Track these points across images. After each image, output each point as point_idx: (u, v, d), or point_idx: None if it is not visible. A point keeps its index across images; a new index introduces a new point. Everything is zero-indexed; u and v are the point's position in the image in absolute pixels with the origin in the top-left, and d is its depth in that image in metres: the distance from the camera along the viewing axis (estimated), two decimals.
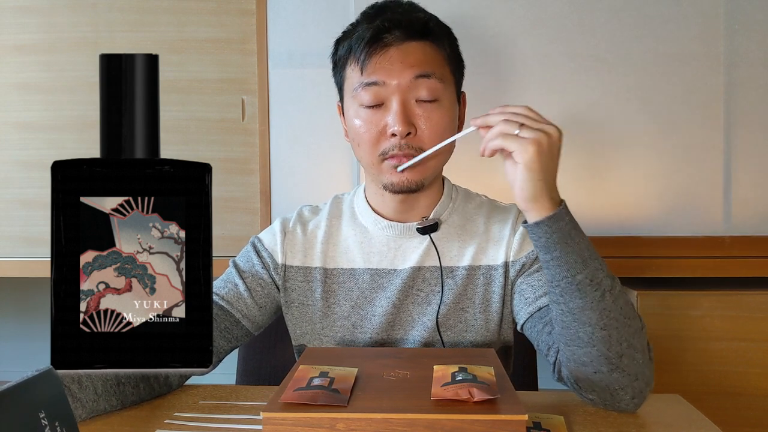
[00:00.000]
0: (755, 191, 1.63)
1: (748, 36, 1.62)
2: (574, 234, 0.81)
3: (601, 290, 0.81)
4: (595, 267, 0.81)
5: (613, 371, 0.81)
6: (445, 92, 0.95)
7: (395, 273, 1.00)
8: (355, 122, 0.96)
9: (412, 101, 0.93)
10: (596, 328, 0.81)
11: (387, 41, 0.93)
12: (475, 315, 0.99)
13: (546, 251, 0.81)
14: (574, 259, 0.80)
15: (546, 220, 0.80)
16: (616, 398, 0.83)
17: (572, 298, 0.81)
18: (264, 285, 1.02)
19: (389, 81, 0.92)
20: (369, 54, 0.93)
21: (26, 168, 1.80)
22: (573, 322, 0.82)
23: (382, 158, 0.94)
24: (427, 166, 0.95)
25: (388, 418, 0.62)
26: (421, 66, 0.93)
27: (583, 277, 0.80)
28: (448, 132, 0.95)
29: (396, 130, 0.91)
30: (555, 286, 0.82)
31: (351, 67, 0.96)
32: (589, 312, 0.81)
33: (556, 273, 0.81)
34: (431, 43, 0.95)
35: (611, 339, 0.81)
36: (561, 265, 0.81)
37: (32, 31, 1.78)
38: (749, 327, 1.51)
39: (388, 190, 0.97)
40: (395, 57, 0.93)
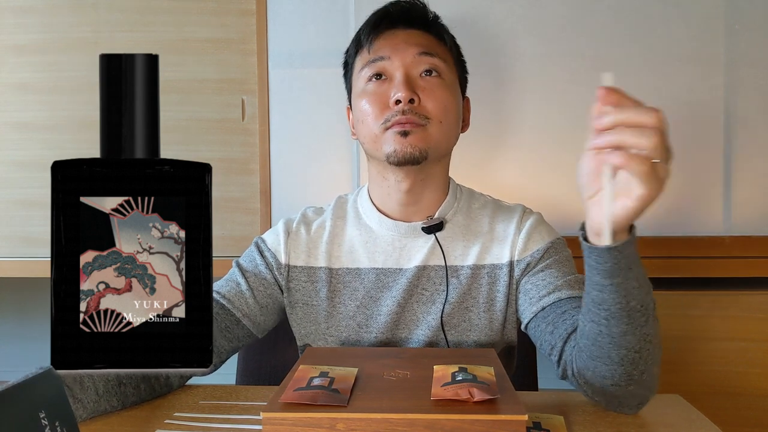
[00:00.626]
0: (755, 191, 1.63)
1: (748, 36, 1.62)
2: (637, 258, 0.74)
3: (646, 315, 0.76)
4: (646, 291, 0.76)
5: (631, 385, 0.80)
6: (448, 73, 0.99)
7: (400, 272, 1.00)
8: (362, 101, 0.98)
9: (416, 75, 0.97)
10: (631, 351, 0.78)
11: (393, 24, 0.99)
12: (479, 314, 0.99)
13: (608, 276, 0.73)
14: (633, 285, 0.74)
15: (620, 246, 0.71)
16: (624, 404, 0.83)
17: (618, 323, 0.76)
18: (267, 285, 1.01)
19: (394, 56, 0.97)
20: (376, 34, 0.99)
21: (26, 168, 1.80)
22: (608, 344, 0.78)
23: (385, 127, 0.95)
24: (430, 134, 0.95)
25: (388, 418, 0.62)
26: (424, 46, 0.97)
27: (636, 303, 0.75)
28: (451, 107, 0.98)
29: (400, 96, 0.94)
30: (604, 309, 0.76)
31: (359, 55, 1.01)
32: (630, 337, 0.77)
33: (610, 298, 0.75)
34: (434, 36, 1.00)
35: (640, 360, 0.78)
36: (619, 291, 0.74)
37: (32, 32, 1.78)
38: (749, 327, 1.51)
39: (390, 160, 0.95)
40: (400, 37, 0.98)
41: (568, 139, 1.67)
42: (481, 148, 1.70)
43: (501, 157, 1.67)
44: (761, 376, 1.51)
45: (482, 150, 1.70)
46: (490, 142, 1.67)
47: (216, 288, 1.00)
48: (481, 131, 1.68)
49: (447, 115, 0.96)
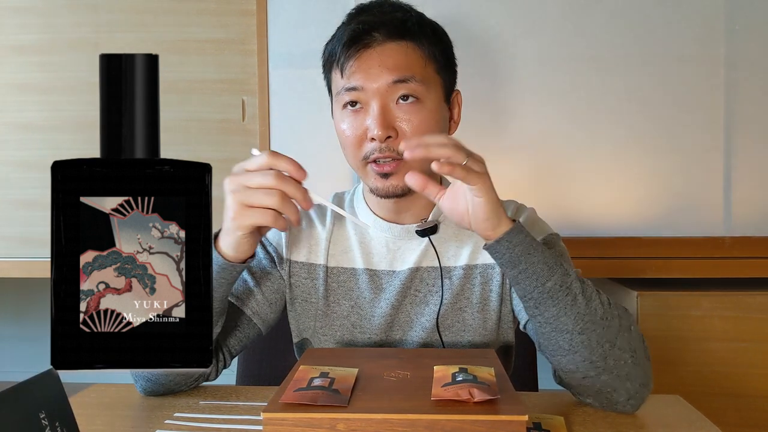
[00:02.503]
0: (755, 191, 1.63)
1: (748, 37, 1.62)
2: (535, 245, 0.82)
3: (572, 294, 0.81)
4: (561, 273, 0.82)
5: (601, 374, 0.82)
6: (427, 93, 0.94)
7: (394, 275, 1.00)
8: (340, 126, 0.96)
9: (392, 104, 0.92)
10: (574, 334, 0.81)
11: (365, 43, 0.93)
12: (473, 315, 0.99)
13: (512, 266, 0.81)
14: (541, 268, 0.81)
15: (506, 236, 0.80)
16: (612, 400, 0.83)
17: (546, 307, 0.81)
18: (273, 280, 1.01)
19: (368, 85, 0.92)
20: (347, 57, 0.93)
21: (26, 168, 1.80)
22: (552, 332, 0.83)
23: (365, 162, 0.94)
24: (410, 169, 0.94)
25: (388, 419, 0.62)
26: (400, 70, 0.92)
27: (552, 284, 0.81)
28: (431, 133, 0.93)
29: (375, 134, 0.91)
30: (528, 299, 0.83)
31: (334, 70, 0.97)
32: (564, 318, 0.81)
33: (527, 285, 0.82)
34: (412, 44, 0.94)
35: (591, 342, 0.81)
36: (529, 277, 0.81)
37: (32, 32, 1.78)
38: (749, 327, 1.51)
39: (375, 194, 0.96)
40: (374, 60, 0.92)
41: (566, 139, 1.68)
42: (478, 149, 1.70)
43: (498, 157, 1.67)
44: (761, 376, 1.51)
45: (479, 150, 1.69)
46: (488, 143, 1.67)
47: None
48: (479, 132, 1.68)
49: None
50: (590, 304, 0.82)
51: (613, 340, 0.82)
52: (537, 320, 0.84)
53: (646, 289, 1.56)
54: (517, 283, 0.83)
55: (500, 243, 0.81)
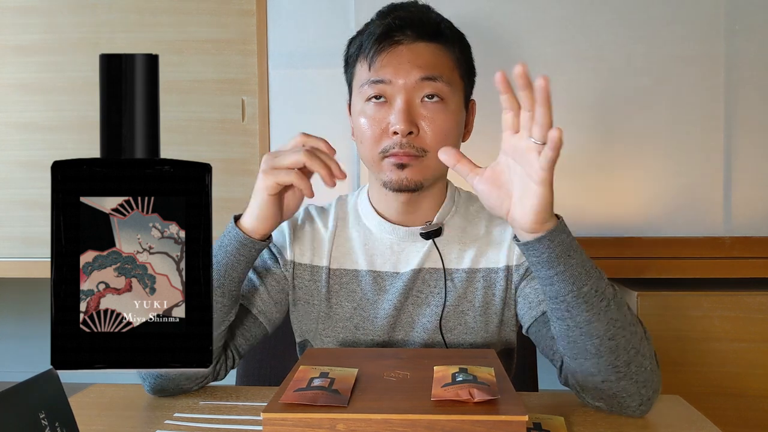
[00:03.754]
0: (755, 191, 1.63)
1: (748, 37, 1.62)
2: (575, 245, 0.79)
3: (606, 299, 0.79)
4: (597, 276, 0.79)
5: (621, 379, 0.81)
6: (452, 96, 0.95)
7: (397, 276, 1.00)
8: (360, 119, 0.96)
9: (417, 101, 0.93)
10: (604, 339, 0.79)
11: (397, 39, 0.94)
12: (475, 317, 0.99)
13: (549, 266, 0.78)
14: (579, 271, 0.78)
15: (548, 235, 0.76)
16: (624, 405, 0.83)
17: (579, 311, 0.78)
18: (278, 280, 1.01)
19: (395, 80, 0.93)
20: (378, 51, 0.94)
21: (26, 168, 1.80)
22: (580, 336, 0.80)
23: (383, 156, 0.94)
24: (427, 167, 0.94)
25: (388, 419, 0.62)
26: (429, 68, 0.93)
27: (589, 288, 0.78)
28: (452, 134, 0.95)
29: (398, 128, 0.91)
30: (560, 302, 0.79)
31: (360, 63, 0.97)
32: (596, 324, 0.79)
33: (561, 288, 0.78)
34: (442, 46, 0.95)
35: (619, 348, 0.79)
36: (566, 280, 0.77)
37: (33, 32, 1.78)
38: (749, 328, 1.51)
39: (387, 188, 0.96)
40: (404, 56, 0.93)
41: (571, 140, 1.67)
42: (482, 150, 1.69)
43: (496, 157, 1.66)
44: (762, 376, 1.51)
45: (484, 152, 1.69)
46: (488, 143, 1.67)
47: None
48: (483, 133, 1.67)
49: (446, 143, 0.93)
50: (621, 309, 0.80)
51: (637, 346, 0.81)
52: (566, 323, 0.81)
53: (646, 289, 1.56)
54: (551, 285, 0.79)
55: (541, 241, 0.76)
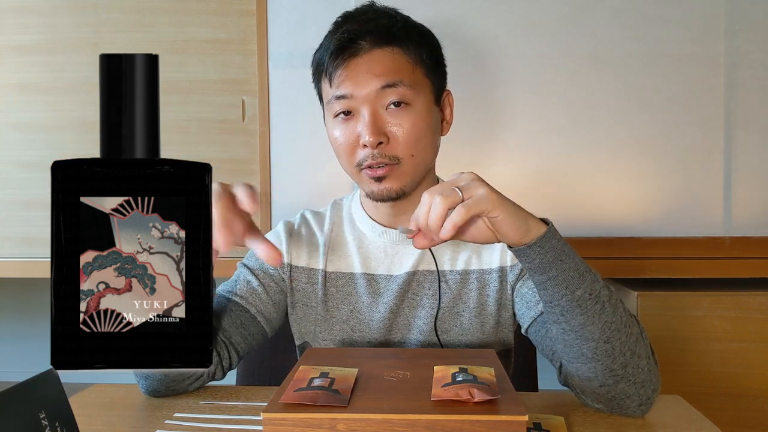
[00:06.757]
0: (755, 192, 1.63)
1: (748, 37, 1.62)
2: (567, 250, 0.78)
3: (600, 302, 0.78)
4: (591, 279, 0.79)
5: (619, 382, 0.80)
6: (417, 97, 0.94)
7: (391, 279, 1.00)
8: (333, 134, 0.97)
9: (382, 110, 0.93)
10: (599, 343, 0.79)
11: (352, 51, 0.93)
12: (470, 319, 0.99)
13: (542, 272, 0.78)
14: (572, 275, 0.77)
15: (538, 241, 0.76)
16: (624, 406, 0.82)
17: (573, 315, 0.78)
18: (276, 281, 1.02)
19: (357, 92, 0.93)
20: (335, 66, 0.94)
21: (26, 168, 1.80)
22: (576, 340, 0.80)
23: (359, 168, 0.95)
24: (404, 173, 0.94)
25: (388, 419, 0.62)
26: (387, 75, 0.92)
27: (582, 292, 0.78)
28: (423, 137, 0.94)
29: (366, 140, 0.92)
30: (555, 306, 0.79)
31: (323, 80, 0.98)
32: (591, 327, 0.78)
33: (555, 292, 0.78)
34: (398, 49, 0.94)
35: (614, 351, 0.79)
36: (559, 284, 0.77)
37: (32, 32, 1.78)
38: (749, 328, 1.51)
39: (371, 198, 0.97)
40: (361, 67, 0.93)
41: (565, 139, 1.68)
42: (476, 148, 1.70)
43: (496, 157, 1.67)
44: (761, 376, 1.51)
45: (477, 150, 1.70)
46: (487, 143, 1.67)
47: (227, 288, 1.00)
48: (477, 131, 1.68)
49: (418, 146, 0.94)
50: (616, 311, 0.79)
51: (633, 348, 0.80)
52: (561, 327, 0.80)
53: (646, 289, 1.56)
54: (545, 289, 0.79)
55: (531, 248, 0.77)
